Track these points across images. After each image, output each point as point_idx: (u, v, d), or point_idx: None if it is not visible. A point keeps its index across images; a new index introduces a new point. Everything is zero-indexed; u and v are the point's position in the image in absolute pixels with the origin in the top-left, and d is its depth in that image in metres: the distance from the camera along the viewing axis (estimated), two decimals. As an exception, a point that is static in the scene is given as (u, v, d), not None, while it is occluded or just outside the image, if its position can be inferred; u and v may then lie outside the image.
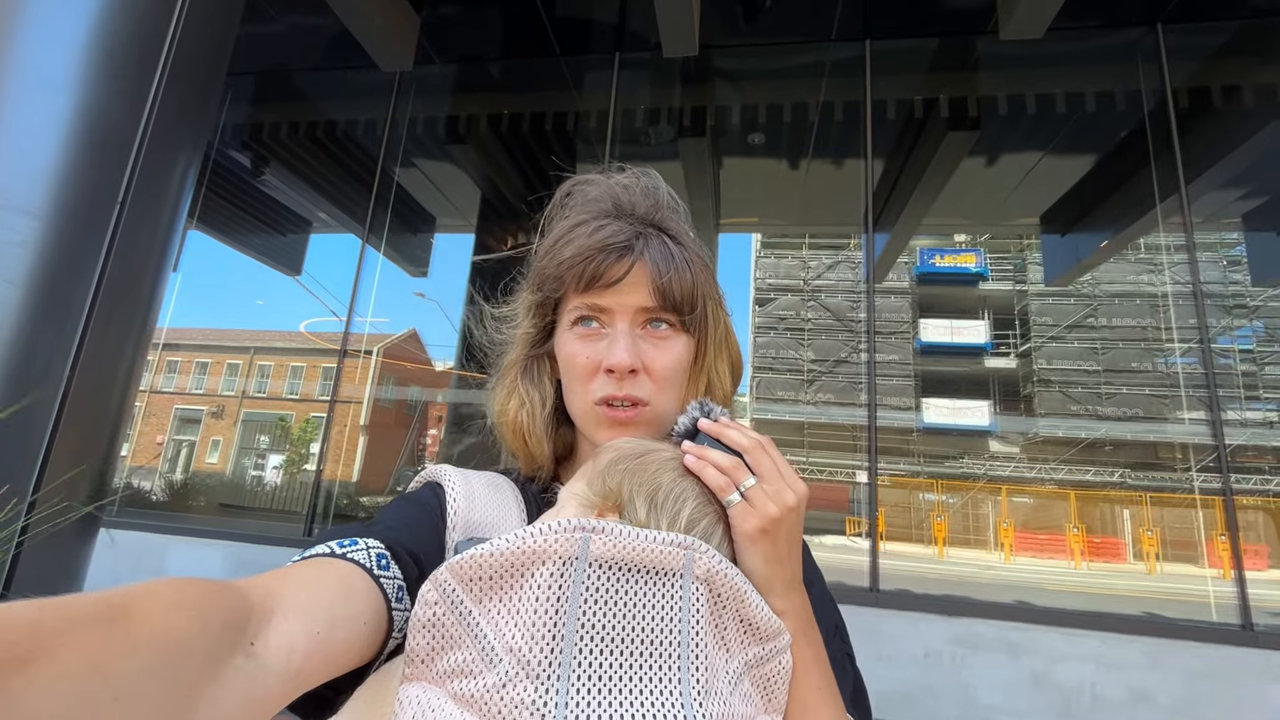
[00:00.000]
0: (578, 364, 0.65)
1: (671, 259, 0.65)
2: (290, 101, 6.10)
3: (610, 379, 0.64)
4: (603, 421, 0.64)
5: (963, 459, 12.84)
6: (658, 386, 0.65)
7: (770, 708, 0.50)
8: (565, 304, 0.68)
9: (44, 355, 2.03)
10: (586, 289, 0.64)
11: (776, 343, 13.93)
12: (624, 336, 0.64)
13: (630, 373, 0.63)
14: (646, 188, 0.70)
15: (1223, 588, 3.65)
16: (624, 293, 0.64)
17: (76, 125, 2.07)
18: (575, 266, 0.64)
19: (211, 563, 4.42)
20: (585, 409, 0.66)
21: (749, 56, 5.22)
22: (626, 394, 0.64)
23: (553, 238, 0.69)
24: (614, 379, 0.64)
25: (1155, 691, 3.28)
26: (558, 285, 0.67)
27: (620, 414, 0.64)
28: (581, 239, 0.65)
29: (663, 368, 0.65)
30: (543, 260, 0.68)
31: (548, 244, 0.69)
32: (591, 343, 0.65)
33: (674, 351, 0.66)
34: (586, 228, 0.66)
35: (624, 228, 0.66)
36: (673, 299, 0.65)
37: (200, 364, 8.70)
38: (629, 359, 0.63)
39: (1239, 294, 8.05)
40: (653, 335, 0.66)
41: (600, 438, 0.65)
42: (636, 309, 0.65)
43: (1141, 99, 4.63)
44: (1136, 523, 9.92)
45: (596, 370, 0.64)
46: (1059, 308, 13.31)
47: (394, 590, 0.47)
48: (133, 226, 2.23)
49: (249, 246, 6.94)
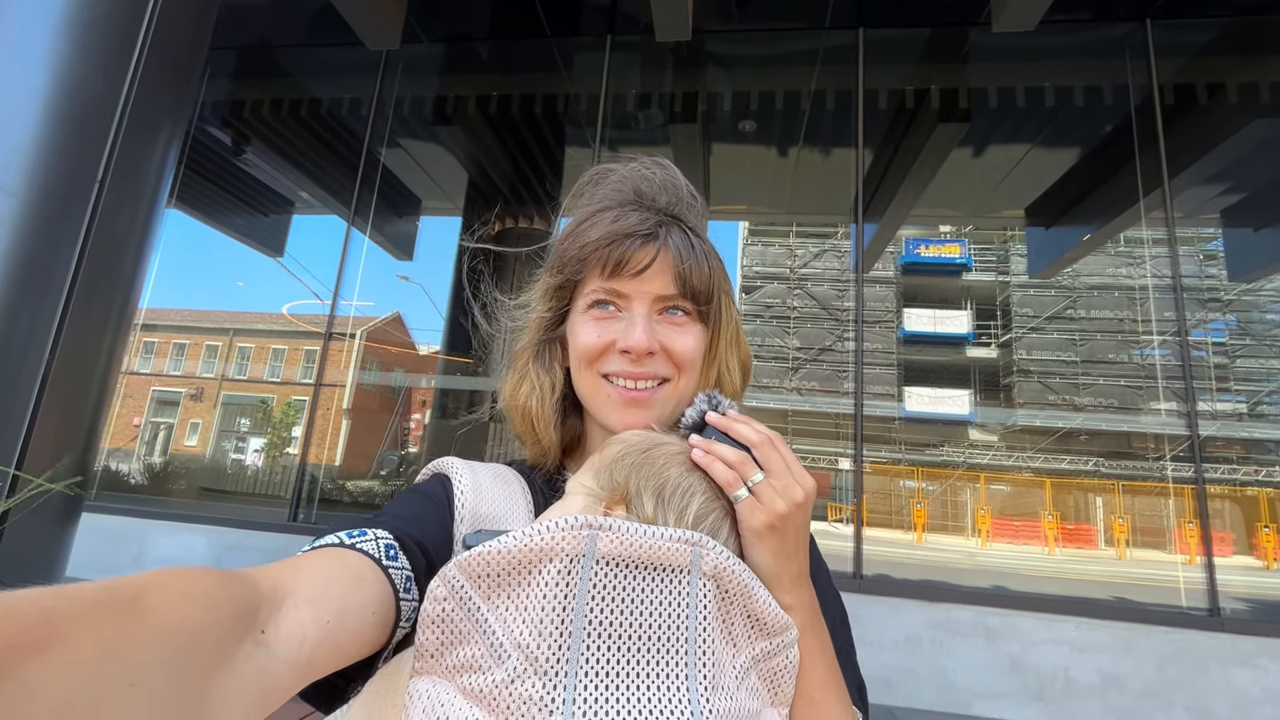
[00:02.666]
0: (589, 344, 0.66)
1: (692, 249, 0.66)
2: (272, 78, 5.94)
3: (625, 359, 0.64)
4: (613, 399, 0.65)
5: (943, 447, 13.05)
6: (678, 368, 0.66)
7: (777, 700, 0.51)
8: (583, 288, 0.68)
9: (21, 335, 1.97)
10: (611, 274, 0.65)
11: (762, 330, 13.98)
12: (641, 320, 0.64)
13: (648, 354, 0.64)
14: (666, 180, 0.70)
15: (1191, 573, 3.77)
16: (645, 280, 0.65)
17: (54, 100, 2.00)
18: (601, 250, 0.65)
19: (196, 547, 4.37)
20: (593, 387, 0.66)
21: (742, 42, 5.18)
22: (646, 372, 0.64)
23: (575, 221, 0.69)
24: (628, 359, 0.64)
25: (1126, 675, 3.39)
26: (580, 268, 0.67)
27: (637, 393, 0.64)
28: (606, 225, 0.65)
29: (683, 349, 0.66)
30: (565, 243, 0.68)
31: (570, 228, 0.69)
32: (604, 324, 0.66)
33: (692, 336, 0.67)
34: (609, 214, 0.66)
35: (648, 216, 0.66)
36: (692, 287, 0.66)
37: (178, 345, 8.53)
38: (646, 341, 0.63)
39: (1214, 288, 8.22)
40: (670, 321, 0.67)
41: (611, 418, 0.65)
42: (655, 296, 0.65)
43: (1129, 94, 4.68)
44: (1108, 510, 10.19)
45: (605, 350, 0.65)
46: (1040, 299, 13.51)
47: (402, 581, 0.47)
48: (113, 204, 2.17)
49: (229, 226, 6.78)
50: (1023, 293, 13.77)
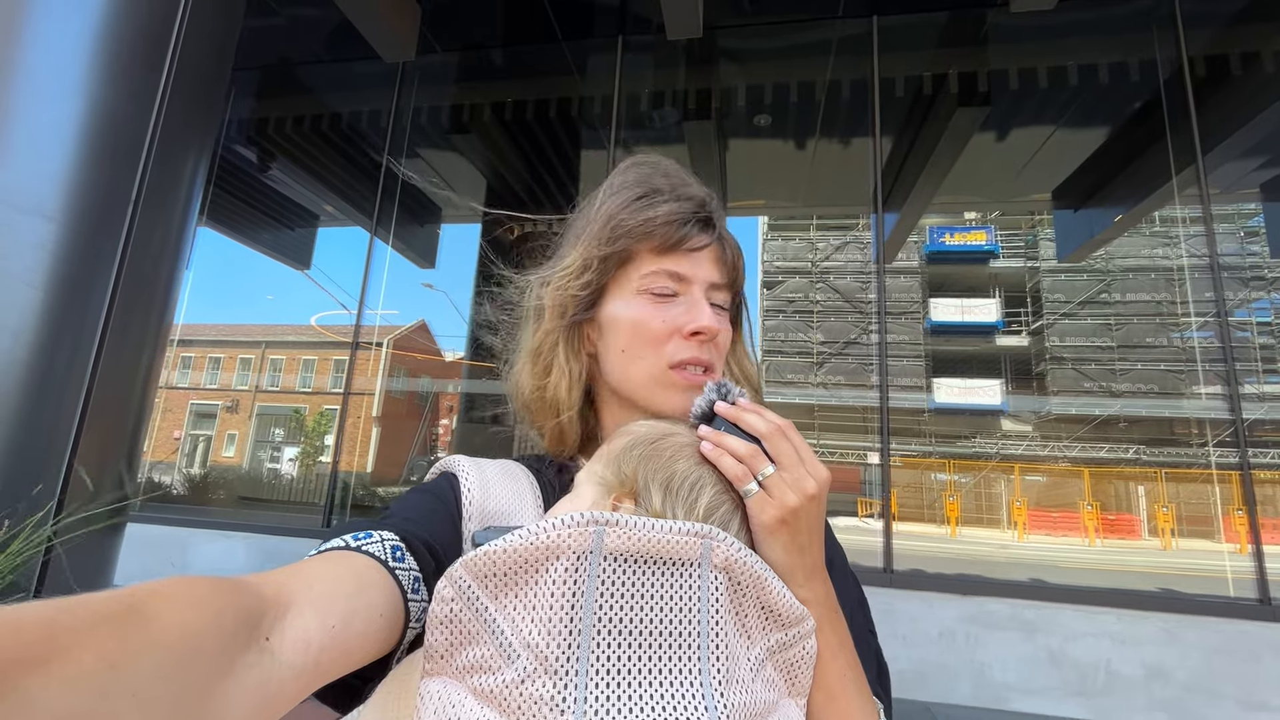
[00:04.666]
0: (651, 328, 0.65)
1: (732, 245, 0.70)
2: (294, 95, 6.09)
3: (692, 343, 0.64)
4: (676, 385, 0.64)
5: (975, 439, 12.78)
6: (721, 356, 0.68)
7: (794, 691, 0.51)
8: (633, 266, 0.67)
9: (65, 355, 2.06)
10: (670, 250, 0.65)
11: (785, 326, 13.87)
12: (704, 302, 0.65)
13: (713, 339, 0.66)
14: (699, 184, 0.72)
15: (1240, 563, 3.63)
16: (700, 264, 0.66)
17: (88, 128, 2.08)
18: (668, 225, 0.65)
19: (236, 555, 4.50)
20: (654, 374, 0.65)
21: (754, 36, 5.14)
22: (709, 358, 0.66)
23: (629, 196, 0.68)
24: (697, 342, 0.64)
25: (1172, 667, 3.28)
26: (639, 239, 0.66)
27: (699, 378, 0.64)
28: (668, 204, 0.66)
29: (726, 339, 0.67)
30: (622, 214, 0.67)
31: (623, 200, 0.68)
32: (666, 307, 0.65)
33: (727, 329, 0.69)
34: (664, 195, 0.67)
35: (701, 207, 0.68)
36: (734, 281, 0.68)
37: (214, 359, 8.80)
38: (716, 323, 0.64)
39: (1257, 265, 7.91)
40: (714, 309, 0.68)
41: (669, 403, 0.64)
42: (709, 283, 0.67)
43: (1157, 68, 4.53)
44: (1151, 499, 9.87)
45: (673, 334, 0.65)
46: (1071, 284, 13.14)
47: (410, 581, 0.47)
48: (147, 226, 2.25)
49: (258, 242, 6.97)
50: (1053, 278, 13.42)
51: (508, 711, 0.40)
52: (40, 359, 1.94)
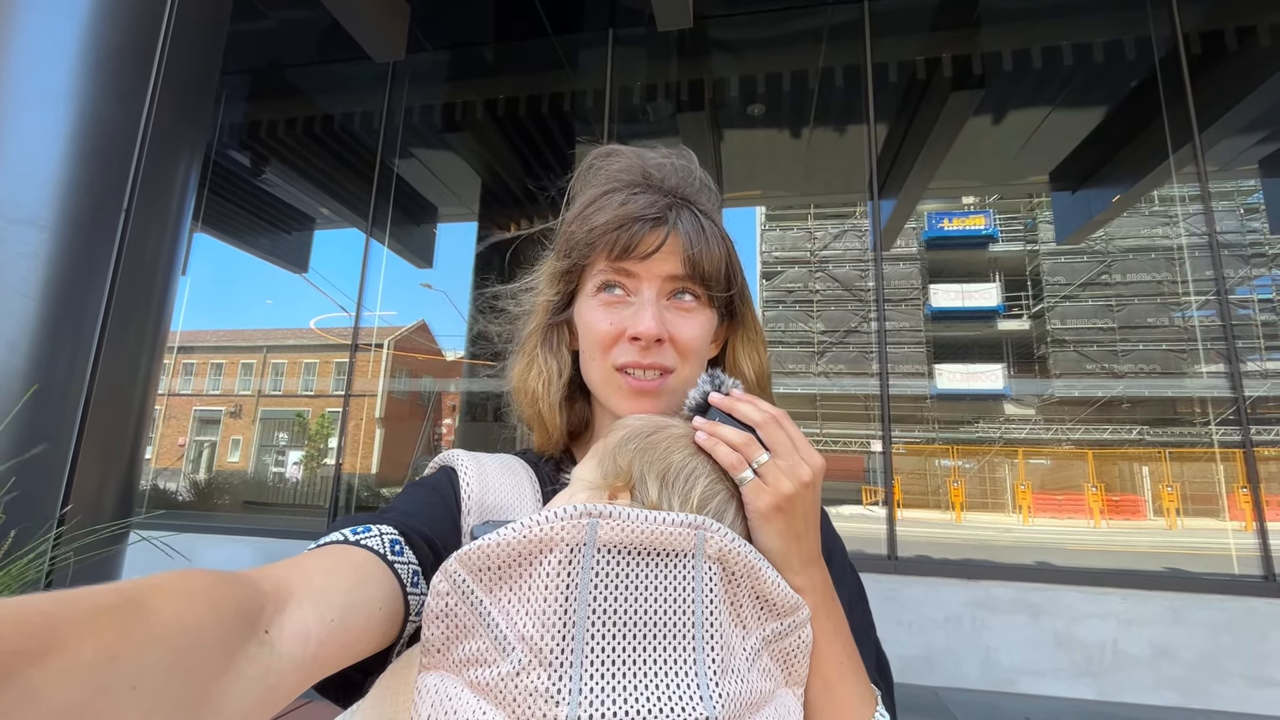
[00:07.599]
0: (599, 330, 0.64)
1: (702, 231, 0.65)
2: (285, 98, 6.07)
3: (634, 347, 0.63)
4: (623, 389, 0.64)
5: (978, 423, 12.79)
6: (683, 357, 0.64)
7: (791, 680, 0.51)
8: (590, 270, 0.67)
9: (62, 366, 2.06)
10: (619, 258, 0.63)
11: (785, 316, 13.86)
12: (650, 305, 0.63)
13: (656, 342, 0.63)
14: (679, 166, 0.69)
15: (1245, 540, 3.63)
16: (654, 263, 0.64)
17: (77, 134, 2.07)
18: (609, 234, 0.63)
19: (243, 557, 4.52)
20: (604, 376, 0.65)
21: (745, 25, 5.12)
22: (653, 362, 0.63)
23: (582, 203, 0.67)
24: (638, 347, 0.63)
25: (1179, 646, 3.29)
26: (588, 251, 0.65)
27: (645, 383, 0.63)
28: (614, 207, 0.64)
29: (689, 338, 0.64)
30: (572, 225, 0.67)
31: (576, 210, 0.67)
32: (615, 310, 0.65)
33: (699, 322, 0.66)
34: (618, 195, 0.65)
35: (657, 199, 0.64)
36: (701, 271, 0.64)
37: (215, 365, 8.81)
38: (656, 327, 0.62)
39: (1257, 242, 7.87)
40: (678, 306, 0.65)
41: (620, 407, 0.64)
42: (665, 277, 0.64)
43: (1152, 46, 4.50)
44: (1156, 479, 9.87)
45: (618, 337, 0.64)
46: (1071, 266, 13.12)
47: (409, 575, 0.47)
48: (139, 232, 2.24)
49: (255, 246, 6.97)
50: (1053, 260, 13.40)
51: (504, 704, 0.40)
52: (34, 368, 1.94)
